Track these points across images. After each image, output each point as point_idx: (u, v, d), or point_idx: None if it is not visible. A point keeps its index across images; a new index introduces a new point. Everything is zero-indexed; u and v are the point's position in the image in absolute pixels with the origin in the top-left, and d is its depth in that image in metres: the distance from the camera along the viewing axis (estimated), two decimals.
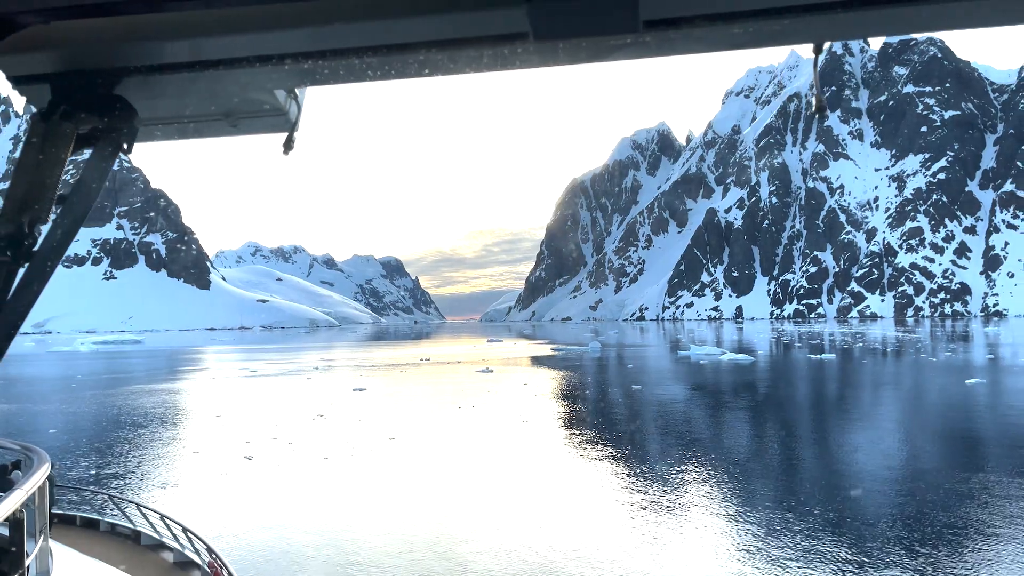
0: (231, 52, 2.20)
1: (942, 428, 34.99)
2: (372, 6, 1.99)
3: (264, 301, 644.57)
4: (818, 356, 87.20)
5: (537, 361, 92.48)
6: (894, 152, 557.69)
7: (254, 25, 2.06)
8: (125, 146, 2.36)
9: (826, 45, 2.28)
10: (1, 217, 2.14)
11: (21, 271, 2.18)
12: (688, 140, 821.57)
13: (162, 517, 8.71)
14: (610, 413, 42.71)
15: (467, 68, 2.21)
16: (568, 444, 31.17)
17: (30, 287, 2.15)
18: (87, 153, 2.32)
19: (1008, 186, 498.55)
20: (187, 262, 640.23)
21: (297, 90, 2.68)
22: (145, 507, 9.39)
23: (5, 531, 4.27)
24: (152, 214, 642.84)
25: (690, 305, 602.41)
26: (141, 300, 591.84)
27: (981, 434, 33.01)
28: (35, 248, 2.18)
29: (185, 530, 8.32)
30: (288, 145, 2.69)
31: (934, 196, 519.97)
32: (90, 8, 1.91)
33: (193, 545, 8.19)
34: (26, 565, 4.01)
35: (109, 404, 49.14)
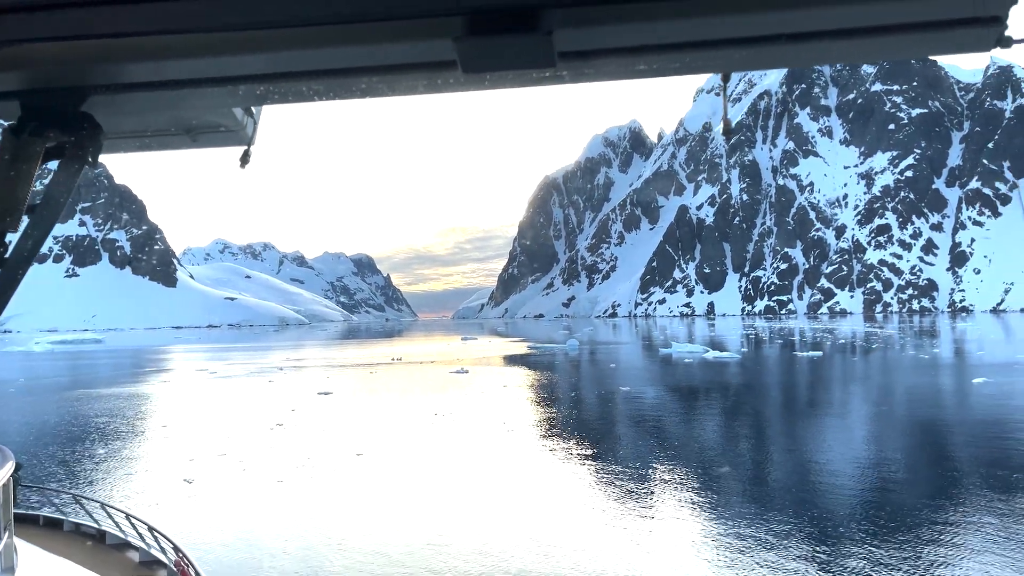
0: (191, 73, 2.31)
1: (950, 428, 31.89)
2: (319, 36, 2.13)
3: (232, 299, 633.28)
4: (806, 353, 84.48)
5: (514, 360, 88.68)
6: (863, 150, 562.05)
7: (212, 50, 2.18)
8: (91, 159, 2.45)
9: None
10: None
11: None
12: (660, 137, 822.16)
13: (127, 516, 8.55)
14: (602, 420, 39.04)
15: (403, 93, 2.38)
16: (562, 458, 27.41)
17: (1, 293, 2.27)
18: (55, 165, 2.42)
19: (974, 184, 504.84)
20: (153, 259, 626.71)
21: (254, 108, 2.82)
22: (110, 506, 9.15)
23: None
24: (116, 211, 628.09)
25: (662, 302, 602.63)
26: (105, 298, 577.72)
27: (984, 433, 29.94)
28: (6, 255, 2.29)
29: (151, 529, 8.17)
30: (244, 159, 2.83)
31: (902, 193, 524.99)
32: (59, 31, 2.02)
33: (159, 544, 8.03)
34: None
35: (40, 411, 44.43)
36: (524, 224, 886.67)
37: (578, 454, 27.85)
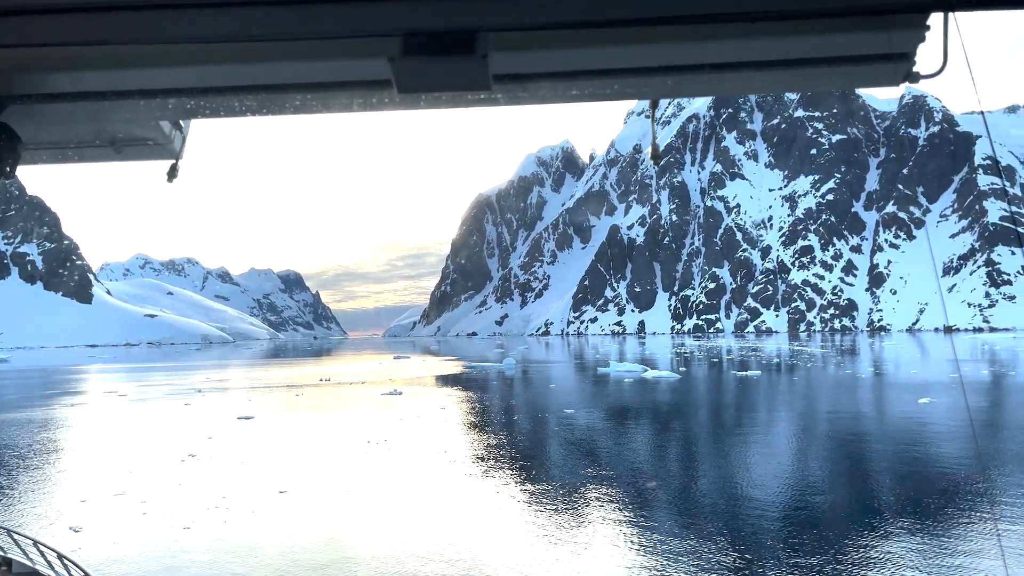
0: (116, 85, 2.26)
1: (893, 446, 30.55)
2: (253, 51, 2.11)
3: (152, 316, 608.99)
4: (744, 373, 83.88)
5: (449, 381, 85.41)
6: (787, 173, 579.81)
7: (140, 62, 2.14)
8: (8, 170, 2.40)
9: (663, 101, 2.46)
10: None
11: None
12: (591, 158, 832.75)
13: (35, 543, 8.23)
14: (548, 445, 36.38)
15: (337, 110, 2.36)
16: (510, 489, 24.57)
17: None
18: None
19: (890, 207, 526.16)
20: (67, 274, 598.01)
21: (182, 122, 2.76)
22: (17, 532, 8.77)
23: None
24: (28, 223, 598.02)
25: (594, 320, 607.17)
26: (14, 315, 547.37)
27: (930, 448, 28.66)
28: None
29: (60, 556, 7.84)
30: (172, 174, 2.78)
31: (823, 216, 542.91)
32: None
33: (69, 572, 7.74)
34: None
35: None
36: (457, 242, 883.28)
37: (526, 484, 25.10)
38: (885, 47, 2.23)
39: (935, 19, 2.20)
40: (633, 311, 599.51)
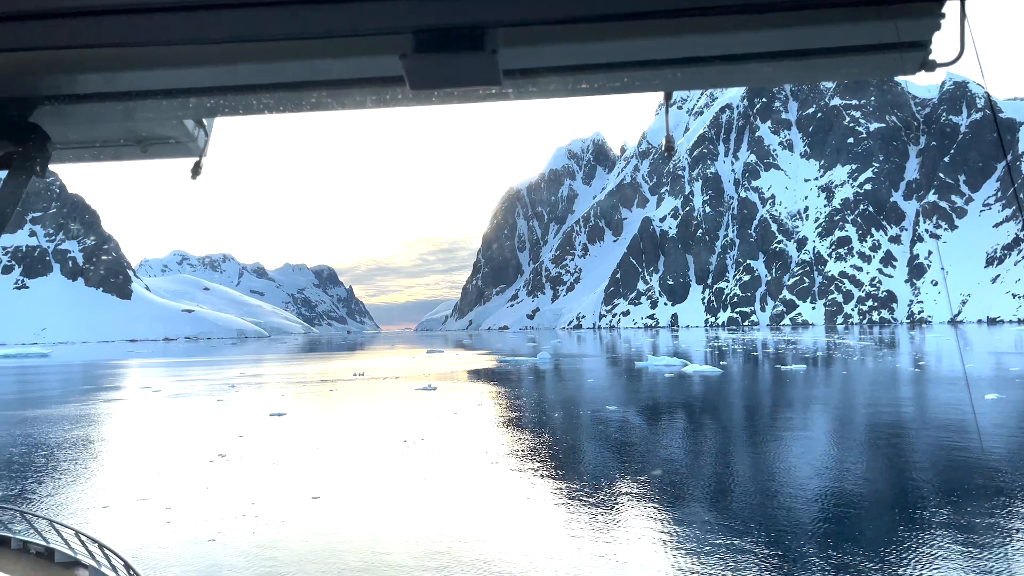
0: (141, 85, 2.34)
1: (965, 443, 28.10)
2: (269, 51, 2.18)
3: (190, 311, 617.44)
4: (790, 367, 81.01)
5: (484, 376, 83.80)
6: (823, 163, 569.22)
7: (163, 62, 2.21)
8: (39, 170, 2.48)
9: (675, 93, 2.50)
10: None
11: None
12: (623, 150, 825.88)
13: (77, 534, 8.41)
14: (595, 446, 34.43)
15: (352, 107, 2.44)
16: (558, 495, 22.73)
17: None
18: (2, 175, 2.42)
19: (931, 197, 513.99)
20: (107, 271, 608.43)
21: (205, 120, 2.85)
22: (59, 523, 8.96)
23: None
24: (68, 221, 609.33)
25: (626, 313, 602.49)
26: (55, 311, 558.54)
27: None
28: None
29: (101, 547, 8.06)
30: (196, 171, 2.86)
31: (861, 206, 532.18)
32: (7, 43, 2.02)
33: (110, 562, 7.93)
34: None
35: None
36: (488, 236, 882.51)
37: (572, 487, 23.25)
38: (899, 36, 2.21)
39: (951, 7, 2.17)
40: (666, 304, 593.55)
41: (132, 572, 7.56)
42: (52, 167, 2.58)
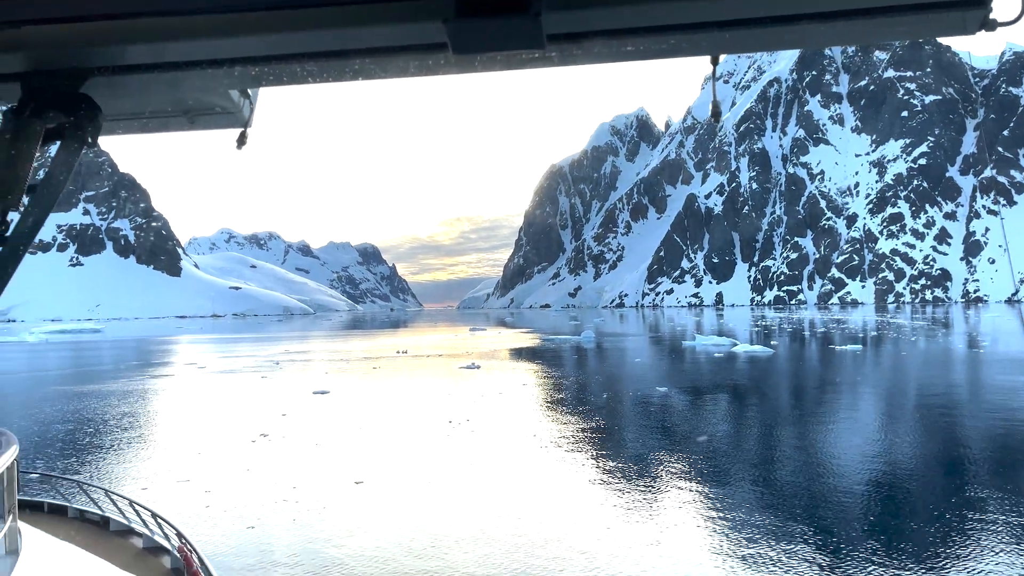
0: (188, 55, 2.38)
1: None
2: (312, 17, 2.19)
3: (237, 288, 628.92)
4: (845, 347, 78.17)
5: (528, 354, 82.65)
6: (875, 137, 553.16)
7: (209, 31, 2.25)
8: (90, 140, 2.51)
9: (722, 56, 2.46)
10: None
11: None
12: (667, 126, 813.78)
13: (131, 503, 8.70)
14: (648, 430, 32.91)
15: (395, 75, 2.46)
16: (613, 481, 21.31)
17: (4, 269, 2.31)
18: (55, 146, 2.47)
19: (988, 172, 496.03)
20: (157, 248, 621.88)
21: (250, 91, 2.90)
22: (114, 493, 9.37)
23: None
24: (120, 199, 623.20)
25: (670, 291, 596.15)
26: (109, 287, 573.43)
27: None
28: (7, 234, 2.32)
29: (154, 515, 8.30)
30: (241, 141, 2.89)
31: (915, 182, 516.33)
32: (59, 12, 2.06)
33: (163, 531, 8.17)
34: None
35: None
36: (530, 213, 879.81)
37: (628, 476, 21.80)
38: None
39: None
40: (711, 282, 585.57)
41: (184, 540, 7.72)
42: (102, 139, 2.61)
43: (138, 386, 52.78)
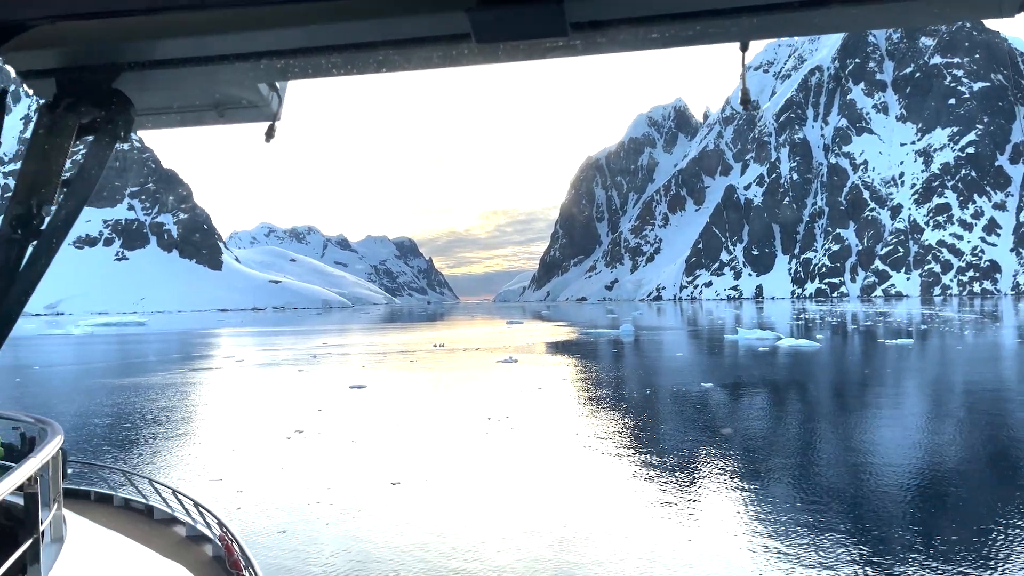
0: (217, 50, 2.41)
1: None
2: (337, 10, 2.20)
3: (277, 282, 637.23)
4: (895, 341, 75.58)
5: (566, 348, 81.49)
6: (920, 126, 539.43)
7: (236, 25, 2.28)
8: (122, 134, 2.54)
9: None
10: (12, 199, 2.32)
11: (30, 247, 2.36)
12: (705, 116, 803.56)
13: (174, 492, 8.91)
14: (695, 430, 31.61)
15: (419, 66, 2.44)
16: (660, 485, 20.12)
17: (38, 262, 2.33)
18: (89, 140, 2.49)
19: None
20: (199, 243, 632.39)
21: (279, 84, 2.91)
22: (158, 482, 9.59)
23: (21, 501, 4.41)
24: (164, 195, 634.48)
25: (708, 284, 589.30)
26: (153, 281, 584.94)
27: None
28: (42, 227, 2.35)
29: (197, 505, 8.52)
30: (270, 134, 2.91)
31: (962, 171, 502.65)
32: (92, 8, 2.08)
33: (205, 520, 8.39)
34: (40, 531, 4.14)
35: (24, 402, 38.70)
36: (566, 206, 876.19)
37: (678, 478, 20.60)
38: None
39: None
40: (750, 275, 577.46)
41: (225, 530, 7.85)
42: (133, 133, 2.64)
43: (178, 379, 52.85)
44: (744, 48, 2.38)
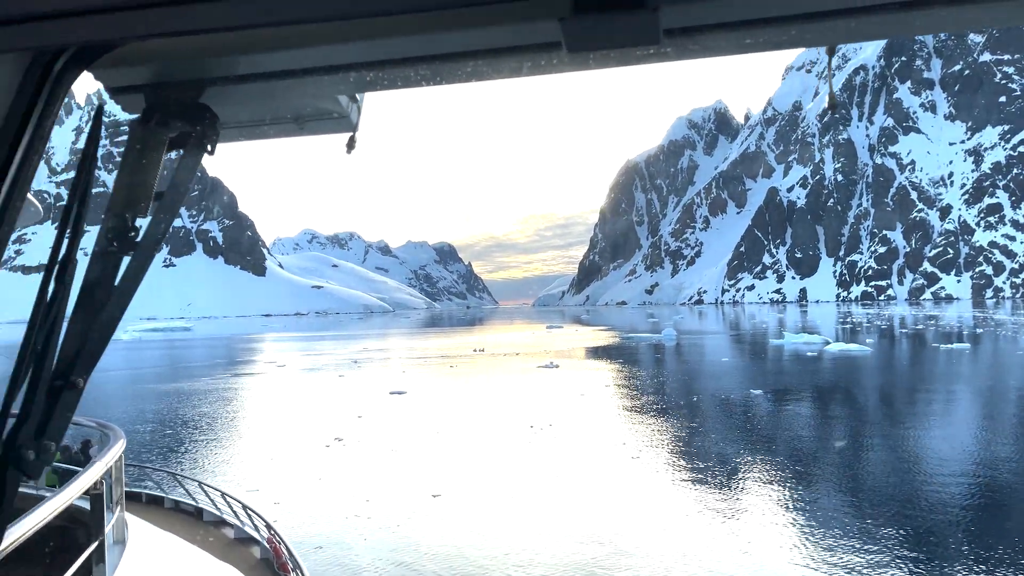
0: (301, 63, 2.40)
1: None
2: (425, 22, 2.15)
3: (319, 287, 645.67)
4: (949, 345, 72.98)
5: (607, 353, 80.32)
6: (970, 124, 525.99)
7: (322, 39, 2.25)
8: (209, 148, 2.59)
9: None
10: (108, 212, 2.33)
11: (126, 260, 2.33)
12: (747, 118, 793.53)
13: (223, 495, 9.16)
14: (745, 438, 30.44)
15: (507, 75, 2.42)
16: (710, 496, 19.20)
17: (134, 274, 2.29)
18: (177, 154, 2.56)
19: None
20: (244, 249, 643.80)
21: (358, 95, 2.92)
22: (207, 485, 9.84)
23: (85, 504, 4.53)
24: (209, 203, 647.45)
25: (751, 288, 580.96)
26: (199, 287, 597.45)
27: None
28: (137, 240, 2.34)
29: (245, 507, 8.78)
30: (351, 145, 2.93)
31: (1015, 170, 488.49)
32: (178, 26, 2.05)
33: (252, 522, 8.63)
34: (105, 533, 4.23)
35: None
36: (605, 210, 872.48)
37: (728, 488, 19.63)
38: None
39: None
40: (794, 278, 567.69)
41: (273, 532, 8.00)
42: (218, 146, 2.69)
43: (222, 385, 53.10)
44: (831, 52, 2.34)
